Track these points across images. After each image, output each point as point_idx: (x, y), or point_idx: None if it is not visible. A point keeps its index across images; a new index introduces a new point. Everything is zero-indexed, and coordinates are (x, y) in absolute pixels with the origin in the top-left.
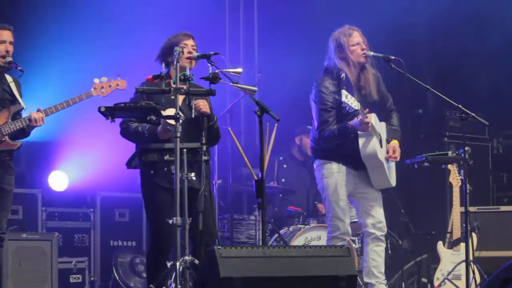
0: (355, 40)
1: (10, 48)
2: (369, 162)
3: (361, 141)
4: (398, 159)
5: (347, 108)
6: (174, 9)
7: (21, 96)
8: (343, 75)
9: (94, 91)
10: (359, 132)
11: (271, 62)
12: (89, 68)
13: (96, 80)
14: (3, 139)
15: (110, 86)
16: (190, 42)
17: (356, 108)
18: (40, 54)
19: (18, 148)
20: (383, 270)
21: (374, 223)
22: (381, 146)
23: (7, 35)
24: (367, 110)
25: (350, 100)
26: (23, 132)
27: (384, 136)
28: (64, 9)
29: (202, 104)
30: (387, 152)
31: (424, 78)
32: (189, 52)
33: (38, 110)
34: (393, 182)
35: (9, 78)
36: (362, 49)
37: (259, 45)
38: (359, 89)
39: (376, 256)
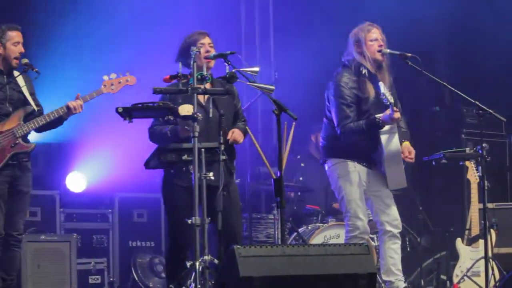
0: (373, 36)
1: (22, 49)
2: (391, 159)
3: (383, 137)
4: (414, 160)
5: (384, 101)
6: (188, 7)
7: (34, 97)
8: (364, 71)
9: (104, 89)
10: (383, 132)
11: (287, 60)
12: (101, 67)
13: (105, 77)
14: (17, 141)
15: (119, 82)
16: (206, 40)
17: (392, 101)
18: (52, 53)
19: (32, 149)
20: (400, 267)
21: (390, 220)
22: None
23: (19, 36)
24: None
25: (387, 93)
26: (60, 119)
27: None
28: (76, 6)
29: (237, 136)
30: (402, 153)
31: (441, 75)
32: (207, 51)
33: (77, 97)
34: (405, 182)
35: (21, 81)
36: (380, 46)
37: (275, 43)
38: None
39: (393, 254)
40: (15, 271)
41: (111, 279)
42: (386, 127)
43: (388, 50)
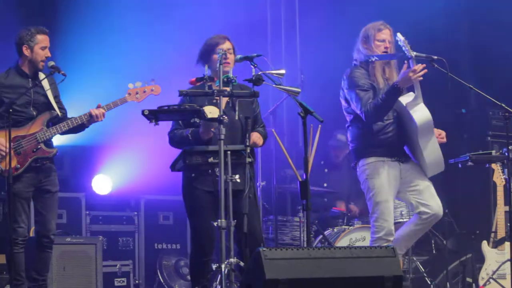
0: (382, 37)
1: (49, 54)
2: (425, 133)
3: (412, 110)
4: (445, 140)
5: (404, 49)
6: (215, 10)
7: (58, 99)
8: (373, 58)
9: (128, 97)
10: (409, 104)
11: (313, 63)
12: (126, 69)
13: (131, 85)
14: (39, 146)
15: (144, 91)
16: (226, 45)
17: (413, 54)
18: (76, 57)
19: (53, 155)
20: (409, 247)
21: (431, 210)
22: None
23: (47, 40)
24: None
25: (407, 46)
26: (82, 126)
27: None
28: (101, 11)
29: (256, 138)
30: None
31: (466, 77)
32: (226, 57)
33: (98, 106)
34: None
35: (46, 84)
36: (385, 48)
37: (301, 46)
38: (385, 79)
39: (412, 235)
40: (47, 272)
41: (136, 281)
42: (408, 99)
43: (415, 53)
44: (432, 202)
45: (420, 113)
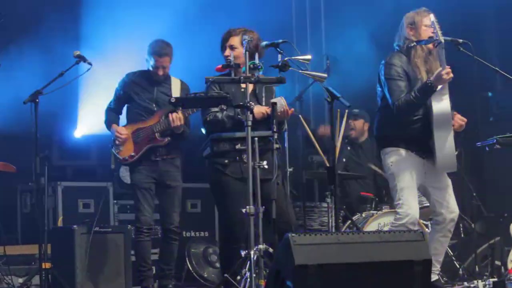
0: (428, 22)
1: (167, 70)
2: (440, 125)
3: (434, 100)
4: (464, 123)
5: (434, 35)
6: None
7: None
8: (413, 44)
9: None
10: (434, 93)
11: (339, 49)
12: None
13: None
14: (154, 135)
15: None
16: (229, 42)
17: (442, 40)
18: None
19: (165, 144)
20: (441, 259)
21: (447, 213)
22: None
23: (167, 61)
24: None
25: (439, 31)
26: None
27: None
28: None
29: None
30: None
31: (492, 60)
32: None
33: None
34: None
35: (175, 83)
36: (433, 33)
37: (326, 31)
38: (426, 71)
39: (439, 246)
40: (173, 262)
41: None
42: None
43: (444, 38)
44: (448, 202)
45: (440, 104)
